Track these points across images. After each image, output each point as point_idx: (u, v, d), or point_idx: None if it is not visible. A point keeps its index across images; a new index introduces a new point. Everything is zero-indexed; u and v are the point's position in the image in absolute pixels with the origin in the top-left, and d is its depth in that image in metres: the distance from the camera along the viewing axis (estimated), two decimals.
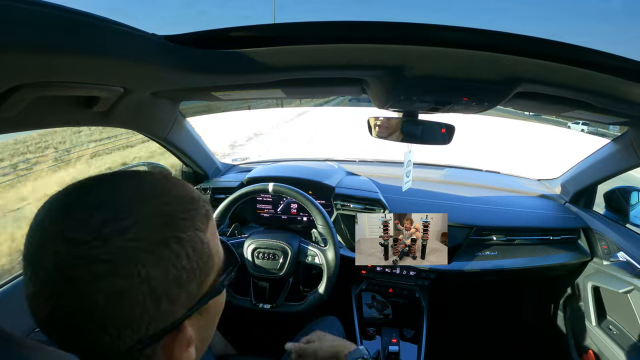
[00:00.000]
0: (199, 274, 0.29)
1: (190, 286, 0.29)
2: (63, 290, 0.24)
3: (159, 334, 0.27)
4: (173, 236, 0.27)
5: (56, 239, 0.25)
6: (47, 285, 0.25)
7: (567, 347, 1.20)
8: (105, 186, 0.28)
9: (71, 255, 0.24)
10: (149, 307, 0.26)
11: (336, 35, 0.50)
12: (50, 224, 0.26)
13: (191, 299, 0.29)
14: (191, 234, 0.28)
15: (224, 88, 0.73)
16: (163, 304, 0.27)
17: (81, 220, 0.25)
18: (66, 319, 0.25)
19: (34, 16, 0.32)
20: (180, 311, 0.28)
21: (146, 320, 0.26)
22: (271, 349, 0.94)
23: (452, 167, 1.64)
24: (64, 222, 0.25)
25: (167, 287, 0.27)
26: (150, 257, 0.26)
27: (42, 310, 0.26)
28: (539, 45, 0.50)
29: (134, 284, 0.25)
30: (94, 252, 0.24)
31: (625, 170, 1.02)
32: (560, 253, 1.14)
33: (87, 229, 0.25)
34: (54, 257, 0.25)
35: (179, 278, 0.27)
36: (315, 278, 1.03)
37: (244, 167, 1.54)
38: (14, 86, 0.41)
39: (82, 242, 0.24)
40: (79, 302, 0.24)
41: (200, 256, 0.29)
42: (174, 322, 0.28)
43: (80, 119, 0.64)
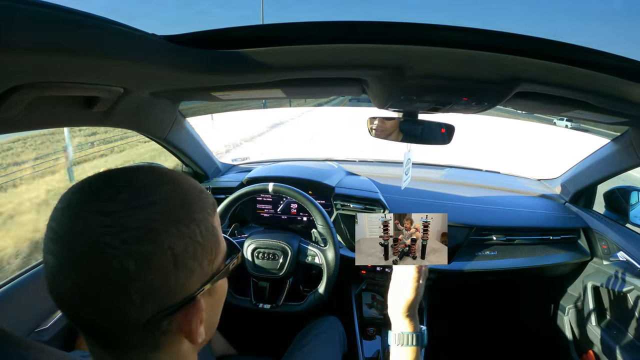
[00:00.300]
0: (210, 252, 0.32)
1: (204, 262, 0.31)
2: (93, 259, 0.26)
3: (177, 305, 0.29)
4: (189, 216, 0.30)
5: (86, 213, 0.27)
6: (75, 257, 0.26)
7: (567, 347, 1.20)
8: (124, 173, 0.30)
9: (102, 224, 0.26)
10: (170, 275, 0.28)
11: (336, 35, 0.50)
12: (79, 202, 0.28)
13: (204, 275, 0.31)
14: (203, 216, 0.31)
15: (224, 88, 0.73)
16: (182, 275, 0.29)
17: (110, 196, 0.27)
18: (91, 291, 0.26)
19: (34, 16, 0.32)
20: (195, 284, 0.30)
21: (167, 289, 0.28)
22: (271, 349, 0.94)
23: (452, 167, 1.64)
24: (93, 199, 0.28)
25: (186, 259, 0.29)
26: (173, 229, 0.28)
27: (66, 287, 0.27)
28: (539, 45, 0.50)
29: (159, 251, 0.27)
30: (124, 220, 0.26)
31: (625, 170, 1.02)
32: (560, 253, 1.14)
33: (116, 203, 0.27)
34: (86, 229, 0.26)
35: (195, 252, 0.30)
36: (315, 278, 1.03)
37: (244, 167, 1.54)
38: (13, 86, 0.41)
39: (113, 212, 0.27)
40: (107, 268, 0.26)
41: (212, 236, 0.32)
42: (190, 294, 0.30)
43: (80, 119, 0.64)
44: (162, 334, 0.30)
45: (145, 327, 0.28)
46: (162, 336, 0.30)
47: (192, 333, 0.31)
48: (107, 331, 0.28)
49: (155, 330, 0.29)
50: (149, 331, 0.29)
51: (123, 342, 0.29)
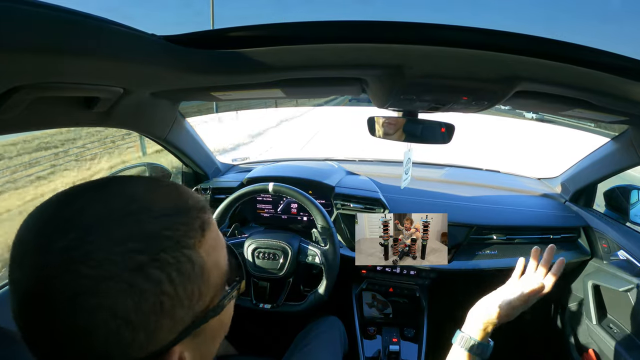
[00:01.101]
0: (187, 299, 0.26)
1: (177, 312, 0.25)
2: (36, 312, 0.23)
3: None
4: (153, 260, 0.24)
5: (27, 263, 0.23)
6: (22, 306, 0.23)
7: (568, 346, 1.20)
8: (81, 201, 0.25)
9: (37, 280, 0.22)
10: (122, 337, 0.23)
11: (335, 34, 0.50)
12: (24, 243, 0.24)
13: (179, 325, 0.26)
14: (177, 254, 0.25)
15: (224, 88, 0.73)
16: (139, 334, 0.24)
17: (47, 244, 0.23)
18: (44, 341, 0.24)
19: (33, 17, 0.32)
20: (165, 338, 0.25)
21: (122, 353, 0.24)
22: (271, 349, 0.94)
23: (452, 166, 1.64)
24: (35, 241, 0.23)
25: (143, 317, 0.24)
26: (121, 285, 0.23)
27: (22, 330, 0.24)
28: (539, 44, 0.50)
29: (99, 319, 0.22)
30: (54, 281, 0.22)
31: (625, 169, 1.02)
32: (560, 252, 1.13)
33: (52, 253, 0.22)
34: (24, 281, 0.23)
35: (160, 306, 0.24)
36: (315, 278, 1.03)
37: (244, 167, 1.54)
38: (13, 87, 0.41)
39: (46, 264, 0.22)
40: (49, 326, 0.23)
41: (189, 278, 0.26)
42: (158, 349, 0.25)
43: (80, 119, 0.64)
44: None
45: None
46: None
47: None
48: None
49: None
50: None
51: None
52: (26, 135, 8.27)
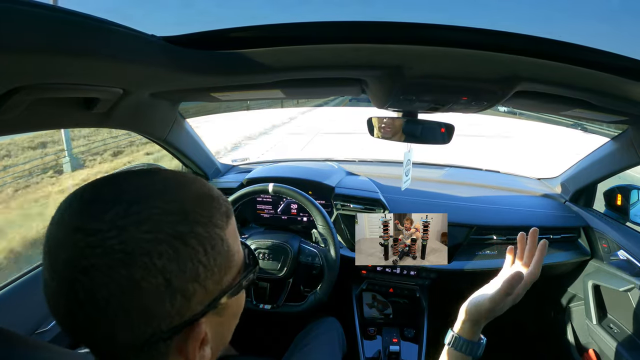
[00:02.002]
0: (217, 271, 0.29)
1: (208, 282, 0.28)
2: (81, 282, 0.24)
3: (173, 330, 0.27)
4: (191, 232, 0.27)
5: (74, 232, 0.25)
6: (66, 279, 0.25)
7: (568, 346, 1.20)
8: (114, 184, 0.28)
9: (88, 245, 0.24)
10: (164, 300, 0.26)
11: (335, 35, 0.50)
12: (68, 219, 0.26)
13: (208, 296, 0.29)
14: (210, 230, 0.28)
15: (223, 89, 0.73)
16: (178, 299, 0.26)
17: (98, 212, 0.25)
18: (84, 311, 0.25)
19: (33, 18, 0.32)
20: (196, 307, 0.28)
21: (160, 314, 0.26)
22: (271, 349, 0.94)
23: (452, 166, 1.64)
24: (81, 215, 0.26)
25: (184, 281, 0.26)
26: (167, 250, 0.26)
27: (62, 306, 0.26)
28: (539, 44, 0.50)
29: (149, 276, 0.25)
30: (109, 241, 0.24)
31: (625, 169, 1.02)
32: (560, 252, 1.13)
33: (103, 220, 0.25)
34: (72, 249, 0.25)
35: (196, 274, 0.27)
36: (315, 278, 1.03)
37: (244, 167, 1.54)
38: (13, 88, 0.41)
39: (98, 230, 0.25)
40: (96, 292, 0.24)
41: (219, 253, 0.29)
42: (189, 318, 0.27)
43: (80, 120, 0.64)
44: (161, 355, 0.28)
45: (141, 349, 0.27)
46: (161, 357, 0.28)
47: (190, 357, 0.28)
48: (104, 351, 0.27)
49: (153, 352, 0.27)
50: (146, 353, 0.27)
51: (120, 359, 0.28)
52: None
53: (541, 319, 1.40)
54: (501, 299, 0.52)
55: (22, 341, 0.23)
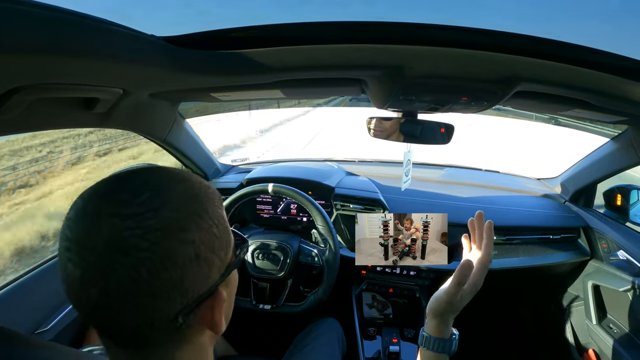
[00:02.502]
0: (225, 244, 0.33)
1: (220, 253, 0.32)
2: (121, 262, 0.26)
3: (202, 297, 0.30)
4: (203, 209, 0.31)
5: (106, 217, 0.27)
6: (102, 264, 0.26)
7: (568, 346, 1.20)
8: (137, 174, 0.31)
9: (125, 227, 0.27)
10: (194, 269, 0.29)
11: (335, 35, 0.50)
12: (96, 208, 0.28)
13: (222, 265, 0.32)
14: (214, 209, 0.32)
15: (223, 89, 0.73)
16: (203, 267, 0.30)
17: (127, 198, 0.28)
18: (119, 293, 0.26)
19: (33, 18, 0.32)
20: (215, 275, 0.31)
21: (191, 283, 0.29)
22: (271, 349, 0.94)
23: (451, 166, 1.64)
24: (109, 203, 0.28)
25: (206, 251, 0.30)
26: (192, 224, 0.29)
27: (92, 295, 0.27)
28: (538, 44, 0.50)
29: (183, 247, 0.28)
30: (147, 222, 0.27)
31: (624, 169, 1.02)
32: (560, 252, 1.14)
33: (135, 205, 0.28)
34: (108, 234, 0.26)
35: (213, 244, 0.31)
36: (315, 278, 1.03)
37: (244, 167, 1.54)
38: (13, 88, 0.41)
39: (134, 214, 0.27)
40: (137, 270, 0.26)
41: (225, 228, 0.33)
42: (212, 286, 0.31)
43: (79, 120, 0.64)
44: (188, 327, 0.30)
45: (172, 322, 0.29)
46: (187, 329, 0.31)
47: (216, 323, 0.32)
48: (133, 331, 0.28)
49: (182, 325, 0.29)
50: (176, 326, 0.29)
51: (149, 340, 0.30)
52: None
53: (541, 319, 1.40)
54: (455, 290, 0.51)
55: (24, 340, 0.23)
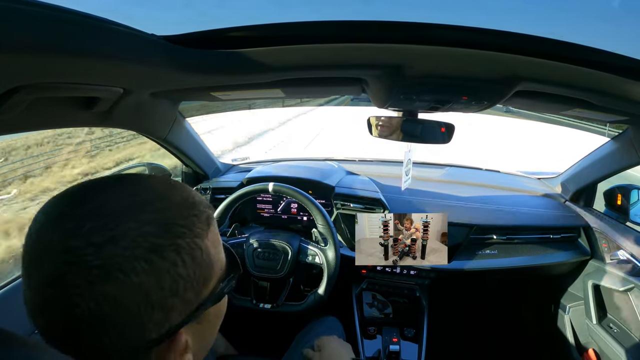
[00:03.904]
0: (197, 282, 0.29)
1: (187, 294, 0.28)
2: (60, 298, 0.25)
3: (152, 342, 0.27)
4: (170, 244, 0.27)
5: (51, 244, 0.25)
6: (45, 296, 0.25)
7: (568, 346, 1.20)
8: (99, 193, 0.27)
9: (64, 261, 0.24)
10: (142, 315, 0.26)
11: (335, 34, 0.50)
12: (45, 233, 0.26)
13: (188, 307, 0.29)
14: (189, 241, 0.28)
15: (224, 88, 0.73)
16: (156, 313, 0.26)
17: (73, 228, 0.25)
18: (65, 326, 0.25)
19: (33, 17, 0.32)
20: (176, 319, 0.28)
21: (139, 327, 0.26)
22: (271, 349, 0.94)
23: (452, 166, 1.64)
24: (57, 231, 0.25)
25: (162, 295, 0.26)
26: (144, 265, 0.25)
27: (40, 320, 0.26)
28: (539, 43, 0.50)
29: (126, 291, 0.25)
30: (86, 258, 0.24)
31: (625, 169, 1.02)
32: (560, 252, 1.14)
33: (78, 237, 0.25)
34: (51, 266, 0.25)
35: (174, 286, 0.27)
36: (315, 278, 1.03)
37: (244, 167, 1.54)
38: (13, 87, 0.41)
39: (75, 247, 0.24)
40: (75, 308, 0.24)
41: (199, 264, 0.29)
42: (169, 330, 0.28)
43: (80, 119, 0.64)
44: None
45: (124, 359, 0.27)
46: None
47: None
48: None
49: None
50: None
51: None
52: None
53: (541, 319, 1.40)
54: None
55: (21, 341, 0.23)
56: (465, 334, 1.50)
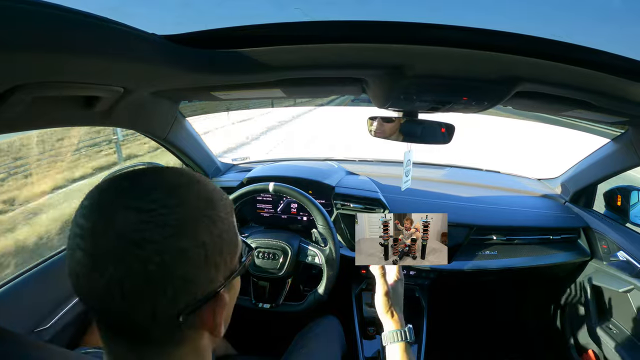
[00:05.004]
0: (232, 247, 0.33)
1: (227, 258, 0.33)
2: (134, 254, 0.27)
3: (205, 299, 0.30)
4: (215, 214, 0.31)
5: (122, 209, 0.27)
6: (115, 255, 0.27)
7: (567, 347, 1.20)
8: (154, 173, 0.31)
9: (141, 221, 0.27)
10: (202, 270, 0.30)
11: (336, 34, 0.50)
12: (111, 200, 0.28)
13: (227, 270, 0.33)
14: (226, 216, 0.33)
15: (224, 88, 0.73)
16: (211, 270, 0.31)
17: (145, 193, 0.29)
18: (131, 285, 0.27)
19: (33, 16, 0.32)
20: (219, 279, 0.32)
21: (197, 283, 0.30)
22: (271, 349, 0.94)
23: (452, 166, 1.64)
24: (125, 197, 0.28)
25: (214, 254, 0.31)
26: (204, 225, 0.30)
27: (100, 282, 0.27)
28: (539, 44, 0.50)
29: (194, 246, 0.29)
30: (162, 217, 0.28)
31: (625, 170, 1.02)
32: (560, 253, 1.14)
33: (151, 201, 0.28)
34: (123, 225, 0.27)
35: (221, 248, 0.31)
36: (315, 278, 1.03)
37: (244, 166, 1.54)
38: (13, 86, 0.41)
39: (150, 209, 0.28)
40: (147, 263, 0.27)
41: (233, 233, 0.34)
42: (216, 289, 0.31)
43: (80, 118, 0.64)
44: (188, 328, 0.31)
45: (174, 320, 0.29)
46: (187, 330, 0.31)
47: (216, 327, 0.32)
48: (137, 326, 0.29)
49: (182, 324, 0.30)
50: (177, 325, 0.29)
51: (151, 337, 0.30)
52: None
53: (541, 319, 1.40)
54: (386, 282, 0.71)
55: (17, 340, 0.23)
56: (465, 334, 1.50)
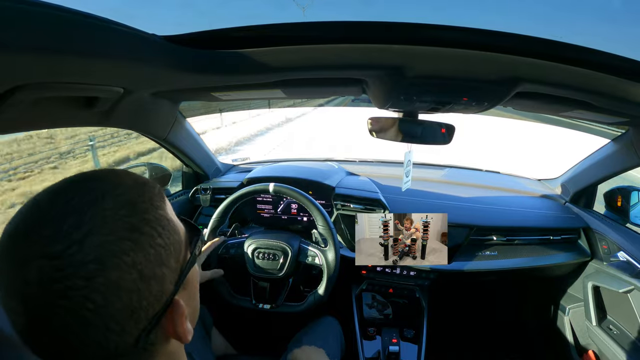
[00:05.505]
0: (174, 249, 0.31)
1: (170, 262, 0.30)
2: (61, 305, 0.24)
3: (158, 315, 0.29)
4: (141, 219, 0.28)
5: (36, 260, 0.24)
6: (42, 309, 0.24)
7: (567, 347, 1.20)
8: (62, 196, 0.27)
9: (56, 269, 0.24)
10: (142, 291, 0.27)
11: (336, 35, 0.50)
12: (21, 250, 0.25)
13: (175, 274, 0.31)
14: (154, 214, 0.30)
15: (224, 88, 0.73)
16: (153, 285, 0.28)
17: (52, 232, 0.25)
18: (71, 332, 0.25)
19: (34, 17, 0.32)
20: (169, 288, 0.30)
21: (143, 305, 0.27)
22: (271, 349, 0.94)
23: (452, 167, 1.64)
24: (35, 240, 0.25)
25: (152, 267, 0.28)
26: (129, 244, 0.26)
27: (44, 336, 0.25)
28: (539, 45, 0.50)
29: (124, 273, 0.26)
30: (77, 257, 0.24)
31: (625, 170, 1.02)
32: (560, 253, 1.13)
33: (59, 240, 0.24)
34: (39, 281, 0.24)
35: (159, 257, 0.29)
36: (315, 278, 1.03)
37: (244, 167, 1.54)
38: (14, 87, 0.41)
39: (62, 251, 0.24)
40: (80, 309, 0.24)
41: (169, 232, 0.31)
42: (167, 299, 0.29)
43: (80, 119, 0.64)
44: (152, 344, 0.30)
45: (135, 346, 0.28)
46: (152, 346, 0.30)
47: (181, 334, 0.31)
48: None
49: (146, 345, 0.29)
50: (140, 348, 0.28)
51: None
52: None
53: (541, 320, 1.40)
54: None
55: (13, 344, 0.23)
56: (465, 334, 1.50)
